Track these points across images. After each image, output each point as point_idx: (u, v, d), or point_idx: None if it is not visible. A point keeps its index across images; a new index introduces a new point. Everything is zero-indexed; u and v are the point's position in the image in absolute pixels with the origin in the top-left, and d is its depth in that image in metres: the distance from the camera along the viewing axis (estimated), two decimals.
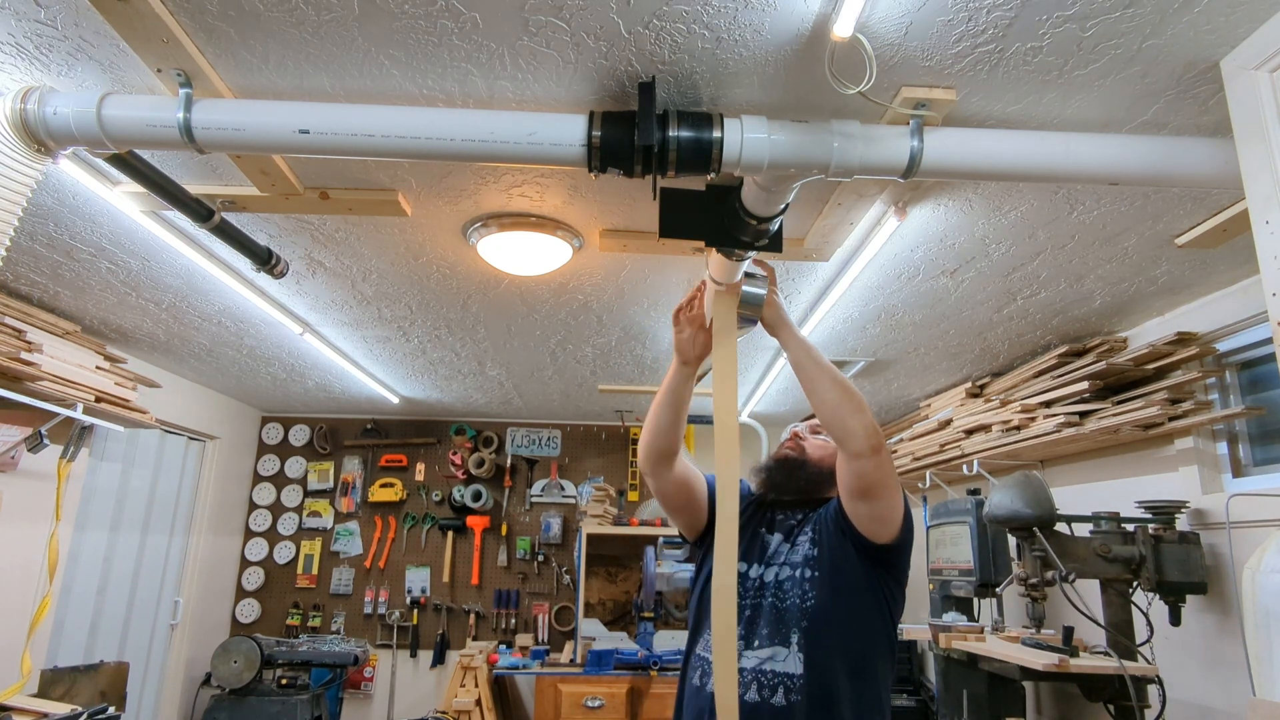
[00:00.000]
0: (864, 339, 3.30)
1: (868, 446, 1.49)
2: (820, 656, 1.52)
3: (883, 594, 1.60)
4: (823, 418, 1.56)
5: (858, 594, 1.58)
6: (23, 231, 2.36)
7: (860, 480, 1.53)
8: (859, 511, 1.57)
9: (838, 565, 1.59)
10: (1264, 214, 1.39)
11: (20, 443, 3.06)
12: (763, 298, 1.62)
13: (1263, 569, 1.73)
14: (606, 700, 4.09)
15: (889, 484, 1.55)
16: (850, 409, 1.51)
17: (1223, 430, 2.68)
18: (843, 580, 1.58)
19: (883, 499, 1.55)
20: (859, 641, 1.56)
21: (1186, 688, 2.61)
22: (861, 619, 1.58)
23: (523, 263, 2.44)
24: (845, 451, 1.53)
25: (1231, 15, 1.37)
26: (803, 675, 1.51)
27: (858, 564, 1.59)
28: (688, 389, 1.70)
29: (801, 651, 1.53)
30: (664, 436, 1.70)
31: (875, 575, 1.60)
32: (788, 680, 1.52)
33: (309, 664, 4.26)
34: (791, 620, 1.56)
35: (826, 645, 1.54)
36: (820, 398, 1.54)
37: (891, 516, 1.57)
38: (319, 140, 1.55)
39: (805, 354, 1.59)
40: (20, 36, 1.50)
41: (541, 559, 5.25)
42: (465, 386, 4.49)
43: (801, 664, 1.52)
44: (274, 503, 5.26)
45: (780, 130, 1.55)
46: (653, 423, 1.71)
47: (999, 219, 2.16)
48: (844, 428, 1.51)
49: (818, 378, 1.56)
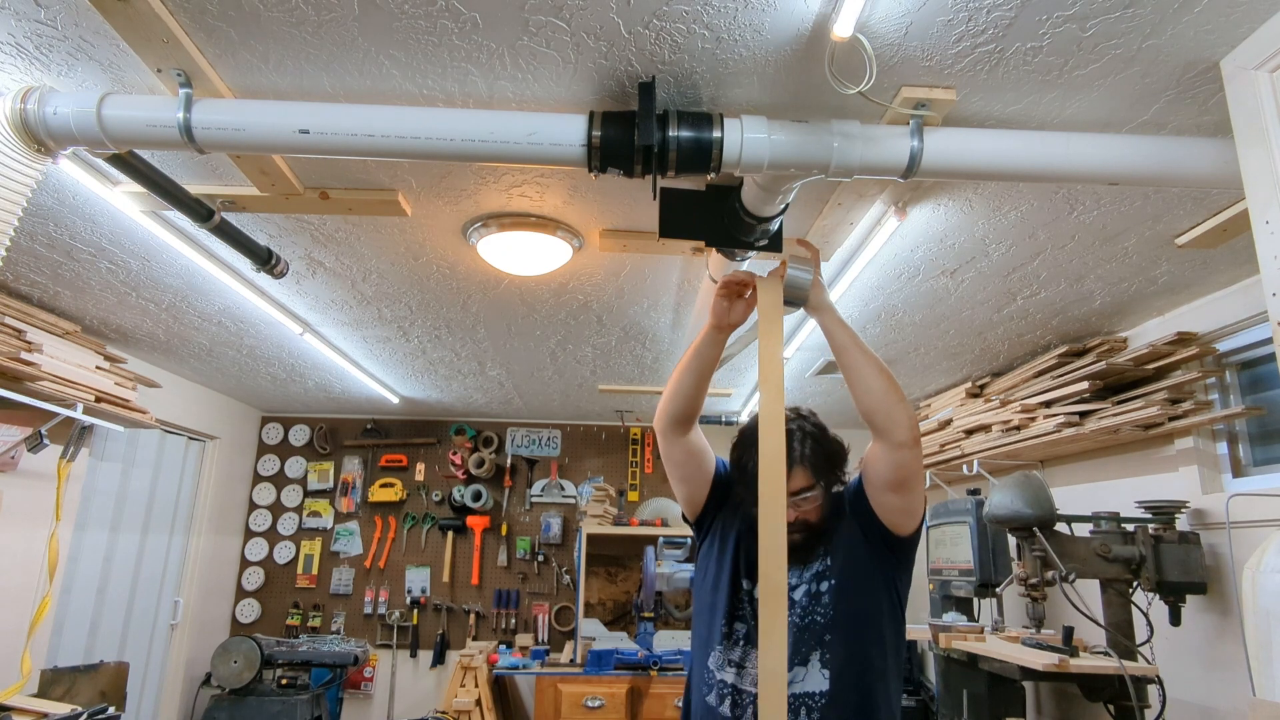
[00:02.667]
0: (864, 339, 3.28)
1: (910, 437, 1.46)
2: (845, 665, 1.49)
3: (895, 587, 1.58)
4: (867, 406, 1.49)
5: (874, 595, 1.55)
6: (23, 231, 2.36)
7: (899, 471, 1.49)
8: (890, 503, 1.53)
9: (854, 570, 1.55)
10: (1264, 214, 1.39)
11: (20, 443, 3.06)
12: (809, 281, 1.55)
13: (1263, 569, 1.73)
14: (606, 700, 4.09)
15: (921, 476, 1.53)
16: (897, 398, 1.47)
17: (1223, 430, 2.68)
18: (859, 585, 1.55)
19: (915, 490, 1.52)
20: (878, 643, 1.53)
21: (1186, 688, 2.61)
22: (878, 619, 1.54)
23: (523, 263, 2.44)
24: (888, 442, 1.48)
25: (1231, 15, 1.37)
26: (826, 691, 1.47)
27: (872, 561, 1.56)
28: (715, 354, 1.64)
29: (827, 668, 1.49)
30: (685, 400, 1.64)
31: (889, 568, 1.57)
32: (809, 700, 1.47)
33: (309, 664, 4.26)
34: (812, 638, 1.51)
35: (848, 653, 1.50)
36: (866, 385, 1.49)
37: (918, 508, 1.55)
38: (319, 140, 1.55)
39: (851, 339, 1.53)
40: (20, 36, 1.50)
41: (541, 559, 5.25)
42: (465, 386, 4.49)
43: (827, 680, 1.48)
44: (274, 503, 5.26)
45: (780, 130, 1.56)
46: (675, 385, 1.65)
47: (999, 219, 2.16)
48: (890, 417, 1.46)
49: (863, 365, 1.50)
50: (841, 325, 1.56)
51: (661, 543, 4.56)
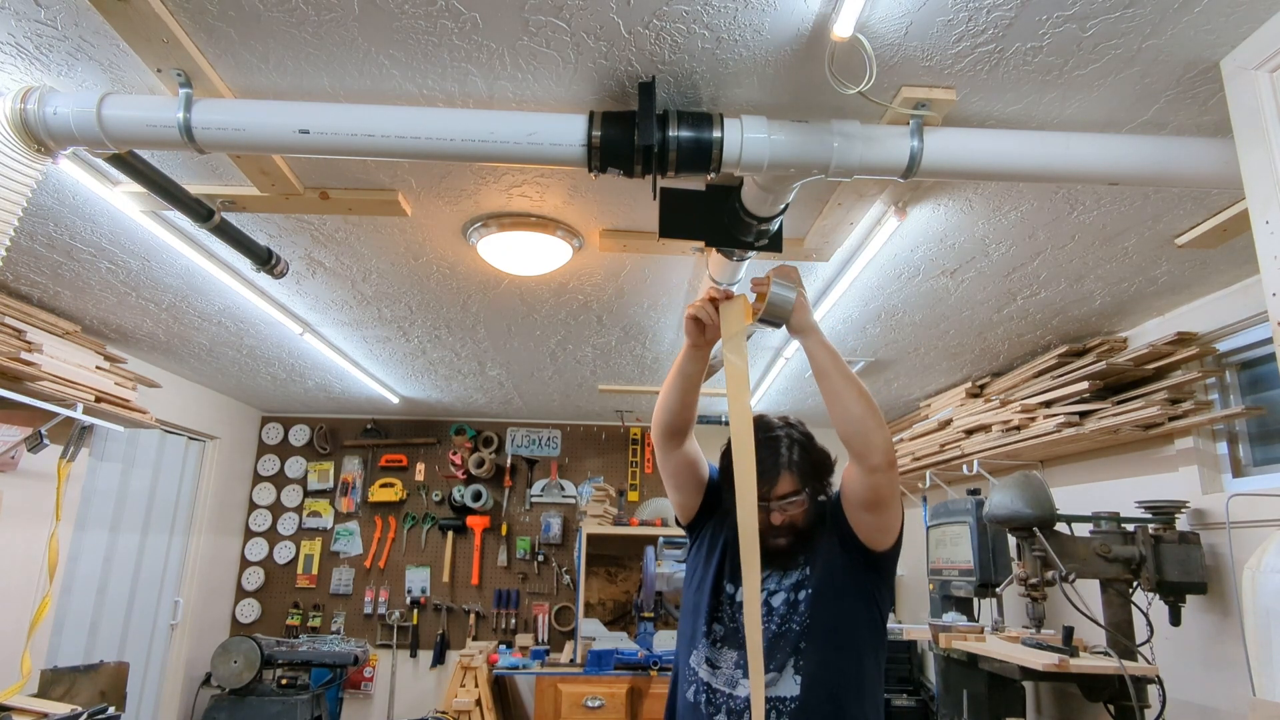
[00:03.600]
0: (864, 339, 3.30)
1: (885, 462, 1.49)
2: (816, 673, 1.52)
3: (874, 598, 1.62)
4: (845, 430, 1.51)
5: (851, 603, 1.59)
6: (23, 231, 2.36)
7: (873, 493, 1.53)
8: (865, 522, 1.57)
9: (831, 580, 1.59)
10: (1264, 214, 1.39)
11: (20, 443, 3.06)
12: (792, 300, 1.52)
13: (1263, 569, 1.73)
14: (606, 700, 4.09)
15: (896, 496, 1.57)
16: (875, 423, 1.49)
17: (1223, 430, 2.68)
18: (837, 593, 1.59)
19: (890, 510, 1.56)
20: (853, 651, 1.57)
21: (1186, 688, 2.61)
22: (856, 628, 1.58)
23: (523, 263, 2.44)
24: (863, 465, 1.51)
25: (1231, 15, 1.37)
26: (798, 696, 1.51)
27: (850, 572, 1.60)
28: (698, 369, 1.65)
29: (799, 673, 1.53)
30: (673, 415, 1.67)
31: (868, 581, 1.61)
32: (780, 704, 1.51)
33: (309, 664, 4.26)
34: (788, 645, 1.55)
35: (821, 661, 1.53)
36: (845, 409, 1.50)
37: (894, 525, 1.59)
38: (319, 140, 1.55)
39: (832, 362, 1.53)
40: (20, 36, 1.50)
41: (541, 559, 5.25)
42: (465, 386, 4.49)
43: (798, 685, 1.52)
44: (274, 503, 5.26)
45: (780, 130, 1.56)
46: (662, 401, 1.68)
47: (999, 219, 2.16)
48: (866, 442, 1.48)
49: (844, 389, 1.50)
50: (824, 348, 1.55)
51: (661, 543, 4.56)
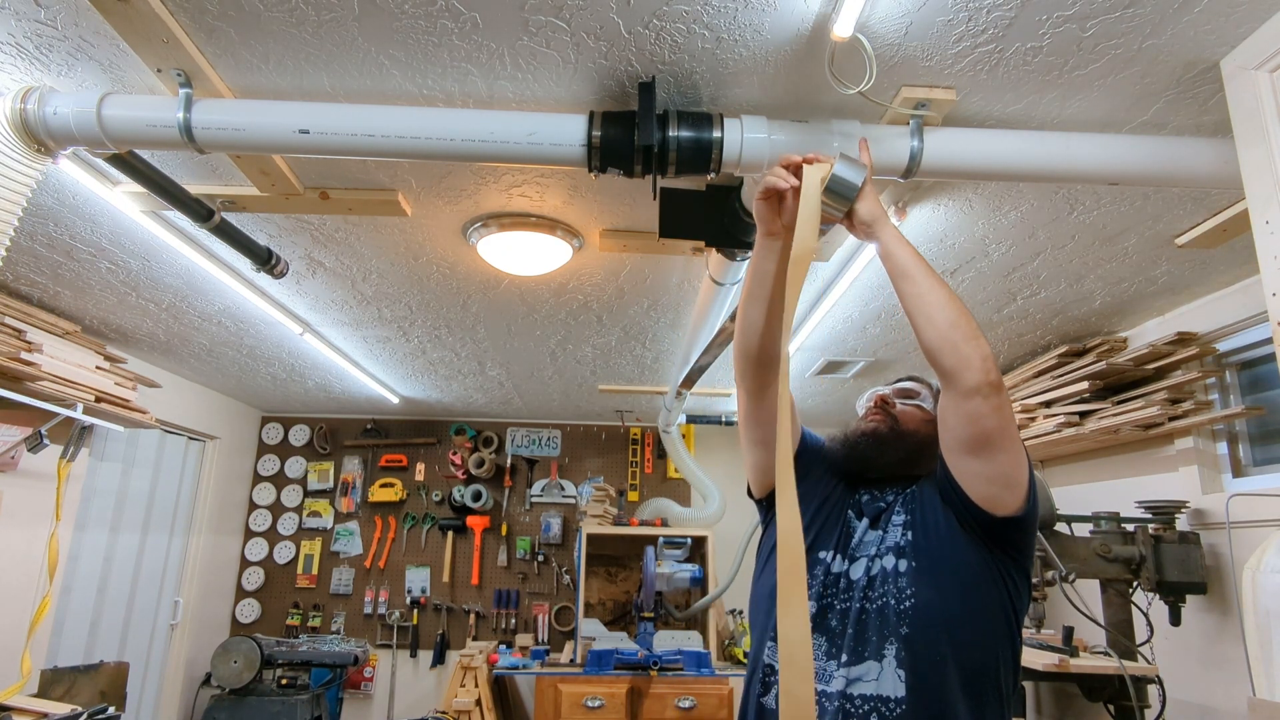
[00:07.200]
0: (864, 339, 3.30)
1: (986, 381, 1.16)
2: (927, 672, 1.20)
3: (1004, 584, 1.25)
4: (931, 341, 1.21)
5: (971, 587, 1.25)
6: (23, 231, 2.36)
7: (975, 426, 1.19)
8: (973, 470, 1.23)
9: (943, 550, 1.26)
10: (1264, 214, 1.39)
11: (20, 443, 3.06)
12: (857, 187, 1.26)
13: (1263, 569, 1.73)
14: (606, 700, 4.09)
15: (1011, 433, 1.21)
16: (968, 332, 1.18)
17: (1223, 430, 2.68)
18: (950, 569, 1.25)
19: (1004, 451, 1.20)
20: (975, 650, 1.22)
21: (1186, 688, 2.61)
22: (977, 620, 1.24)
23: (523, 263, 2.44)
24: (957, 388, 1.19)
25: (1231, 15, 1.37)
26: (905, 699, 1.18)
27: (968, 546, 1.26)
28: (774, 268, 1.35)
29: (902, 668, 1.20)
30: (754, 333, 1.37)
31: (993, 559, 1.25)
32: (882, 706, 1.19)
33: (309, 664, 4.25)
34: (887, 627, 1.23)
35: (934, 657, 1.20)
36: (929, 316, 1.20)
37: (1016, 476, 1.22)
38: (319, 140, 1.55)
39: (913, 260, 1.23)
40: (20, 36, 1.50)
41: (541, 559, 5.25)
42: (465, 386, 4.49)
43: (903, 684, 1.19)
44: (274, 503, 5.25)
45: (780, 130, 1.56)
46: (740, 318, 1.40)
47: (999, 219, 2.16)
48: (958, 355, 1.17)
49: (928, 291, 1.21)
50: (901, 242, 1.26)
51: (661, 543, 4.55)
